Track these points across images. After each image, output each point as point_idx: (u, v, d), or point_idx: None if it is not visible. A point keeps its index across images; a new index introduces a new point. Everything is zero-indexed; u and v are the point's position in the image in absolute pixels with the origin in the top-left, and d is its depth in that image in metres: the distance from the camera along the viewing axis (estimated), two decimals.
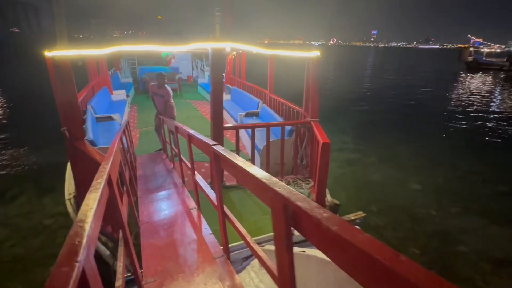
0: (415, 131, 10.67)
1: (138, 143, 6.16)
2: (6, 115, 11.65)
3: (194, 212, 2.89)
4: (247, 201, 3.68)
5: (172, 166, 4.47)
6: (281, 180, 2.51)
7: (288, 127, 4.55)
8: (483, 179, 6.80)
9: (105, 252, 2.85)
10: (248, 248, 2.72)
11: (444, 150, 8.68)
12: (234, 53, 8.49)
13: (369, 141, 9.25)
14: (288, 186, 1.04)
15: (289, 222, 0.94)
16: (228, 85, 9.45)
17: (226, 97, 8.65)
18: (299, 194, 0.95)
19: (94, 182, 1.30)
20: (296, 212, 0.89)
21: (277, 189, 1.01)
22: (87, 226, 0.89)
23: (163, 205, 3.20)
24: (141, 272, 2.02)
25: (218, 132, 3.92)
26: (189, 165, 3.03)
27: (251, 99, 7.40)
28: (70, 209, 3.41)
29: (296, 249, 2.28)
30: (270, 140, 4.17)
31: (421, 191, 6.20)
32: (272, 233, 2.96)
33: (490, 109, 14.91)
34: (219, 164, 1.87)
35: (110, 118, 5.98)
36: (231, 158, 1.55)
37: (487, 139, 10.00)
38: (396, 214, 5.29)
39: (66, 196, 3.68)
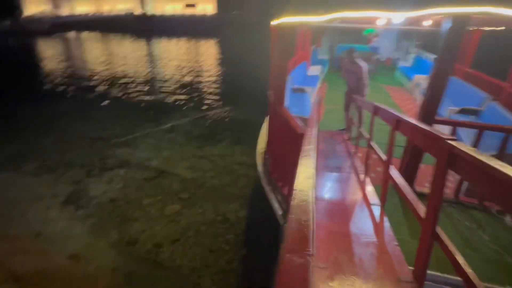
0: None
1: (322, 119, 6.14)
2: (226, 81, 14.62)
3: (375, 209, 2.45)
4: (445, 221, 2.78)
5: (354, 150, 4.09)
6: None
7: None
8: None
9: (278, 211, 2.96)
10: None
11: None
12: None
13: None
14: None
15: None
16: None
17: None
18: None
19: (305, 148, 1.15)
20: None
21: None
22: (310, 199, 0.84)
23: (340, 188, 2.93)
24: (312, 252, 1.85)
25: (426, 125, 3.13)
26: (382, 156, 2.55)
27: (471, 92, 5.64)
28: (259, 160, 3.81)
29: None
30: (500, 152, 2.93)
31: None
32: None
33: None
34: (452, 168, 1.33)
35: (303, 90, 6.22)
36: (498, 167, 0.98)
37: None
38: None
39: (259, 150, 4.15)
